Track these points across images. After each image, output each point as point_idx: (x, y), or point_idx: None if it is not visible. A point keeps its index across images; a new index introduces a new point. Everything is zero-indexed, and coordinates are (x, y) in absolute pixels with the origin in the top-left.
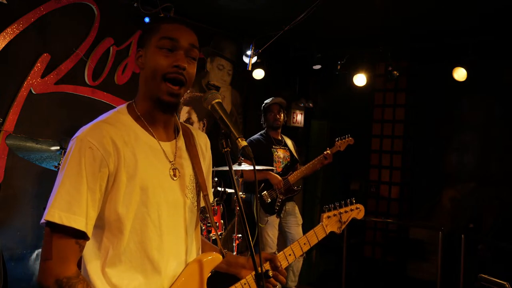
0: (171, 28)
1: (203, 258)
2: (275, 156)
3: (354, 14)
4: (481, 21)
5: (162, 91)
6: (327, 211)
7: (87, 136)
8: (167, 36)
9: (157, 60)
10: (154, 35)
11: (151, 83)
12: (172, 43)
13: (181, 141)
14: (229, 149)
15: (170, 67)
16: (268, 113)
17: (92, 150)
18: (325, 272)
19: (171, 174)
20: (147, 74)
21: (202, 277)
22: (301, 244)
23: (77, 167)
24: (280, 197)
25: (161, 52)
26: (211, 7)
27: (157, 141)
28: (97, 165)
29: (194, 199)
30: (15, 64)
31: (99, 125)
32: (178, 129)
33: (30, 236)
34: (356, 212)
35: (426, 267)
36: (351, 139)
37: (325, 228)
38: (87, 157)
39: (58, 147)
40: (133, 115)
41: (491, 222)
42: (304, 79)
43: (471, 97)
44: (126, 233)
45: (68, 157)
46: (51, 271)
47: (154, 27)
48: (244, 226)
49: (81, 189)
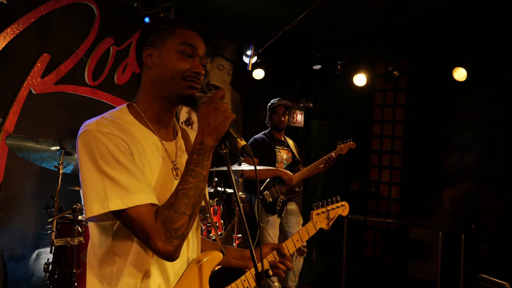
0: (190, 35)
1: (203, 257)
2: (278, 157)
3: (354, 14)
4: (481, 21)
5: (183, 87)
6: (316, 209)
7: (100, 126)
8: (189, 43)
9: (179, 63)
10: (171, 38)
11: (168, 82)
12: (193, 50)
13: (180, 141)
14: (228, 150)
15: (190, 71)
16: (273, 114)
17: (113, 136)
18: (325, 272)
19: (174, 174)
20: (161, 74)
21: (203, 276)
22: (294, 241)
23: (110, 153)
24: (281, 197)
25: (181, 57)
26: (211, 7)
27: (160, 140)
28: (122, 146)
29: None
30: (15, 64)
31: (105, 119)
32: (176, 130)
33: (30, 236)
34: (342, 209)
35: (426, 267)
36: (352, 144)
37: (315, 225)
38: (113, 141)
39: (58, 147)
40: (134, 114)
41: (491, 222)
42: (304, 79)
43: (471, 97)
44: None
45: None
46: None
47: (168, 29)
48: (244, 226)
49: (128, 169)
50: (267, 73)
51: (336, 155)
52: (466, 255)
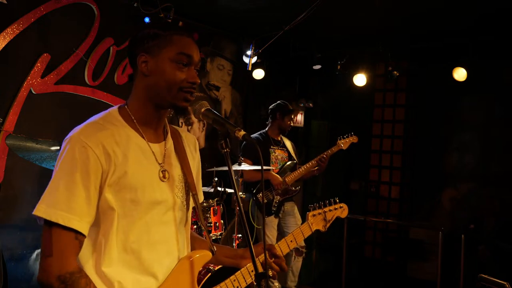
0: (185, 43)
1: (193, 255)
2: (272, 157)
3: (354, 14)
4: (481, 21)
5: (179, 98)
6: (312, 210)
7: (80, 136)
8: (185, 52)
9: (175, 74)
10: (166, 47)
11: (164, 93)
12: (188, 59)
13: (170, 142)
14: (229, 150)
15: (186, 81)
16: (286, 117)
17: (85, 149)
18: (325, 272)
19: (160, 176)
20: (156, 83)
21: (192, 274)
22: (288, 242)
23: (71, 166)
24: (276, 198)
25: (177, 67)
26: (211, 7)
27: (146, 143)
28: (90, 164)
29: (183, 198)
30: (15, 64)
31: (91, 125)
32: (166, 131)
33: (30, 236)
34: (340, 211)
35: (426, 267)
36: (354, 138)
37: (311, 226)
38: (81, 156)
39: (58, 147)
40: (124, 117)
41: (491, 222)
42: (304, 79)
43: (471, 97)
44: (116, 230)
45: (62, 156)
46: (52, 267)
47: (164, 36)
48: (244, 226)
49: (76, 187)
50: (267, 73)
51: (333, 151)
52: (466, 255)
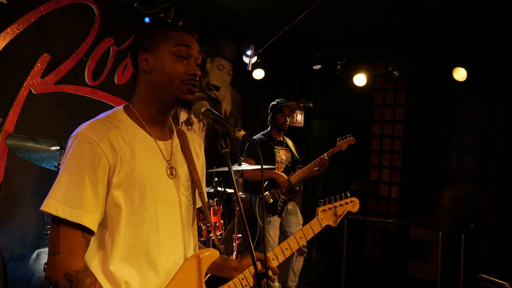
0: (183, 36)
1: (200, 254)
2: (277, 157)
3: (354, 14)
4: (481, 21)
5: (182, 91)
6: (322, 205)
7: (87, 132)
8: (183, 43)
9: (175, 67)
10: (165, 42)
11: (166, 87)
12: (187, 50)
13: (176, 140)
14: (229, 150)
15: (187, 74)
16: (278, 114)
17: (91, 145)
18: (325, 272)
19: (168, 173)
20: (158, 78)
21: (200, 273)
22: (297, 238)
23: (78, 161)
24: (282, 197)
25: (177, 60)
26: (211, 7)
27: (153, 140)
28: (97, 159)
29: (190, 197)
30: (15, 64)
31: (97, 122)
32: (172, 129)
33: (30, 236)
34: (351, 205)
35: (426, 267)
36: (352, 139)
37: (321, 222)
38: (87, 151)
39: (58, 147)
40: (130, 115)
41: (491, 222)
42: (304, 79)
43: (471, 97)
44: (124, 228)
45: (69, 152)
46: (59, 265)
47: (162, 33)
48: (244, 226)
49: (84, 183)
50: (267, 73)
51: (334, 152)
52: (466, 255)
